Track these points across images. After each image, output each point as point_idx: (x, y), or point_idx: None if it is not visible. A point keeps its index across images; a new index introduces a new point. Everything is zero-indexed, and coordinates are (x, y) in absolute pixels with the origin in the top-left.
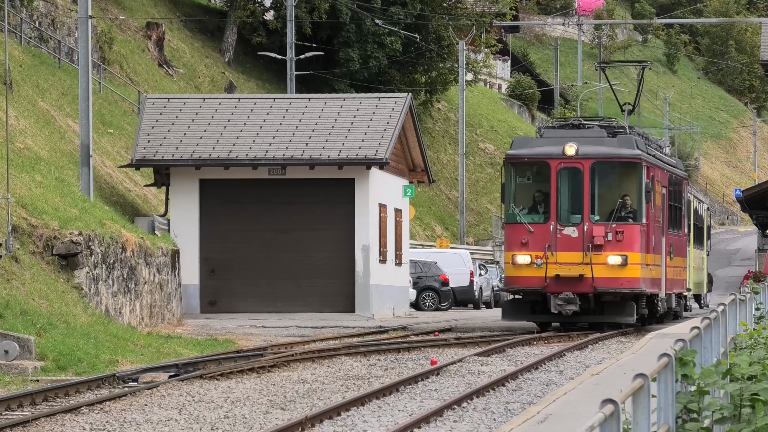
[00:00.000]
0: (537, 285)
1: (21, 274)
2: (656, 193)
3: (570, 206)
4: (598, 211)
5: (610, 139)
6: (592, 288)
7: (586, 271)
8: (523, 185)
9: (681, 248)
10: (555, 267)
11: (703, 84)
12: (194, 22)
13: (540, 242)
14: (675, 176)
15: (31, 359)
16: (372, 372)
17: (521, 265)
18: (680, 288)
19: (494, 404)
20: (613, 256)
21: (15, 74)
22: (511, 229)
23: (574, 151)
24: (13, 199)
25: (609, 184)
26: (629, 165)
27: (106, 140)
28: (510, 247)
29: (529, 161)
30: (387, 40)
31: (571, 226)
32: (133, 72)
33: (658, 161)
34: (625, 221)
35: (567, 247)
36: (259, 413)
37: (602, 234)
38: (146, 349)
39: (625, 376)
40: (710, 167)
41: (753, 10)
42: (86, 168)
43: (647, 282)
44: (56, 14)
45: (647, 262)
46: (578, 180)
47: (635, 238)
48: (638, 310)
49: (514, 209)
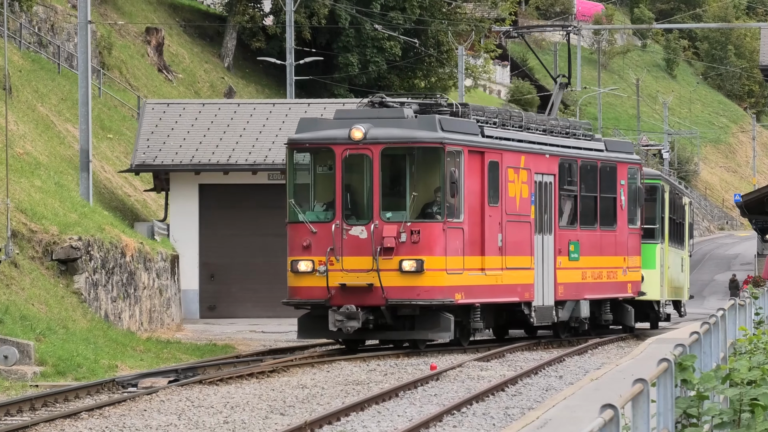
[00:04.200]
0: (320, 297)
1: (20, 279)
2: (510, 183)
3: (358, 201)
4: (393, 207)
5: (409, 120)
6: (384, 299)
7: (376, 279)
8: (304, 176)
9: (616, 246)
10: (340, 275)
11: (702, 89)
12: (194, 27)
13: (324, 245)
14: (585, 161)
15: (30, 364)
16: (371, 377)
17: (303, 273)
18: (611, 292)
19: (494, 409)
20: (407, 261)
21: (14, 79)
22: (292, 229)
23: (362, 134)
24: (12, 204)
25: (406, 174)
26: (428, 151)
27: (106, 145)
28: (291, 251)
29: (310, 147)
30: (386, 45)
31: (358, 226)
32: (132, 77)
33: (504, 143)
34: (432, 218)
35: (354, 251)
36: (258, 418)
37: (394, 234)
38: (145, 354)
39: (624, 381)
40: (710, 172)
41: (752, 16)
42: (86, 173)
43: (470, 290)
44: (56, 19)
45: (470, 267)
46: (367, 169)
47: (436, 239)
48: (464, 323)
49: (294, 205)
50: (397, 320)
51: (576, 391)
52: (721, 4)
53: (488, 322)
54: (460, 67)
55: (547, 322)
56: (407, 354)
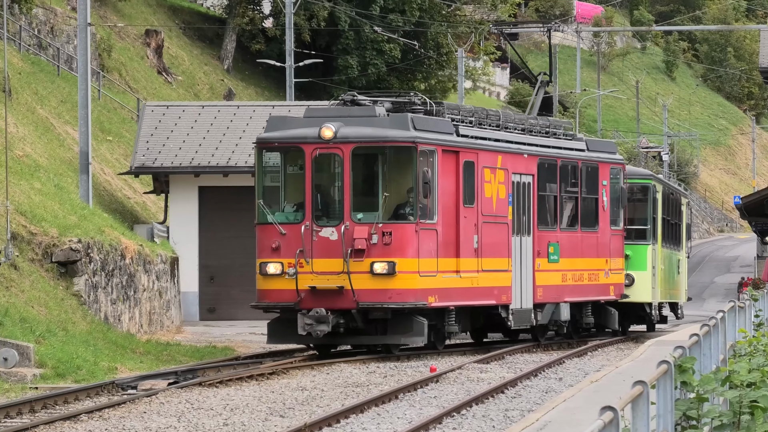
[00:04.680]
0: (289, 300)
1: (20, 281)
2: (486, 183)
3: (329, 202)
4: (364, 208)
5: (381, 119)
6: (355, 303)
7: (347, 281)
8: (274, 176)
9: (598, 247)
10: (310, 277)
11: (701, 91)
12: (193, 29)
13: (293, 247)
14: (565, 161)
15: (30, 366)
16: (371, 379)
17: (272, 275)
18: (593, 295)
19: (493, 411)
20: (379, 263)
21: (14, 82)
22: (261, 231)
23: (332, 133)
24: (12, 206)
25: (378, 174)
26: (400, 150)
27: (105, 147)
28: (260, 253)
29: (280, 146)
30: (386, 47)
31: (329, 227)
32: (132, 79)
33: (480, 142)
34: (404, 219)
35: (325, 253)
36: (258, 420)
37: (365, 236)
38: (145, 356)
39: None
40: (709, 174)
41: (752, 18)
42: (85, 175)
43: (444, 293)
44: (55, 22)
45: (444, 269)
46: (338, 169)
47: (408, 241)
48: (438, 327)
49: (263, 206)
50: (368, 324)
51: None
52: (720, 6)
53: (464, 325)
54: (460, 70)
55: (525, 325)
56: (407, 356)
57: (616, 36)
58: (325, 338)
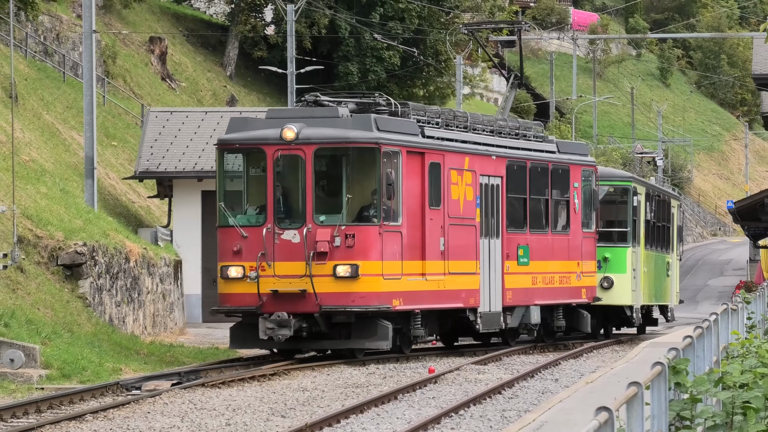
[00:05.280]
0: (251, 304)
1: (26, 284)
2: (453, 185)
3: (291, 204)
4: (327, 210)
5: (344, 120)
6: (317, 306)
7: (309, 285)
8: (235, 178)
9: (569, 250)
10: (272, 281)
11: (695, 97)
12: (196, 36)
13: (255, 250)
14: (535, 163)
15: (36, 368)
16: (371, 380)
17: (233, 279)
18: (565, 298)
19: (491, 412)
20: (342, 266)
21: (20, 88)
22: (222, 233)
23: (294, 134)
24: (18, 210)
25: (341, 176)
26: (363, 151)
27: (110, 152)
28: (222, 256)
29: (241, 147)
30: (385, 54)
31: (291, 230)
32: (136, 86)
33: (446, 143)
34: (367, 222)
35: (287, 256)
36: (260, 421)
37: (328, 239)
38: (149, 357)
39: (619, 384)
40: (703, 179)
41: (745, 25)
42: (90, 180)
43: (410, 296)
44: (61, 29)
45: (409, 272)
46: (301, 171)
47: (372, 243)
48: (404, 331)
49: (224, 209)
50: (332, 328)
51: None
52: (714, 14)
53: (432, 329)
54: (458, 76)
55: (494, 328)
56: (406, 357)
57: (611, 43)
58: (287, 343)
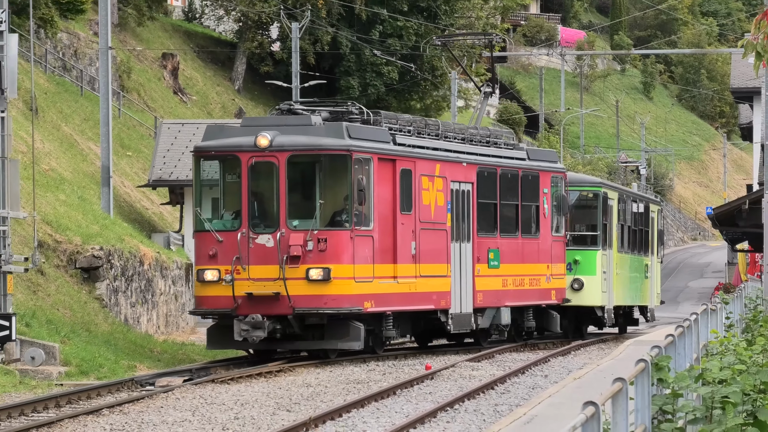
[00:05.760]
0: (226, 306)
1: (46, 286)
2: (424, 191)
3: (266, 209)
4: (300, 216)
5: (316, 128)
6: (291, 309)
7: (283, 288)
8: (211, 184)
9: (539, 253)
10: (247, 284)
11: (677, 110)
12: (206, 52)
13: (230, 254)
14: (505, 170)
15: (55, 365)
16: (371, 376)
17: (209, 282)
18: (534, 299)
19: (484, 406)
20: (314, 269)
21: (40, 101)
22: (199, 238)
23: (268, 141)
24: (38, 216)
25: (314, 182)
26: (335, 158)
27: (125, 162)
28: (198, 260)
29: (216, 154)
30: (384, 69)
31: (265, 234)
32: (149, 99)
33: (417, 151)
34: (339, 226)
35: (261, 260)
36: (266, 415)
37: (300, 243)
38: (162, 355)
39: (605, 380)
40: (684, 187)
41: (724, 42)
42: (107, 188)
43: (381, 298)
44: (78, 45)
45: (381, 275)
46: (275, 177)
47: (344, 247)
48: (376, 332)
49: (200, 214)
50: (306, 329)
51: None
52: (694, 32)
53: (404, 330)
54: (453, 90)
55: (465, 329)
56: (404, 355)
57: (597, 59)
58: (262, 344)
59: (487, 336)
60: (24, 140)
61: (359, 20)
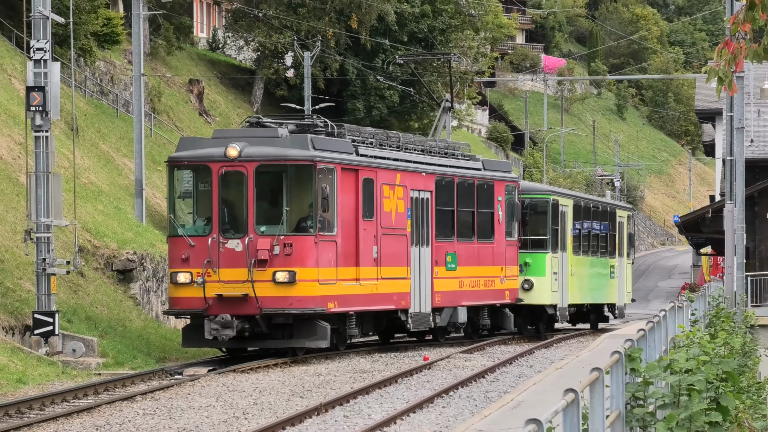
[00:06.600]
0: (198, 307)
1: (86, 286)
2: (385, 199)
3: (235, 216)
4: (267, 222)
5: (283, 139)
6: (258, 309)
7: (251, 289)
8: (184, 192)
9: (494, 256)
10: (217, 286)
11: (647, 129)
12: (228, 78)
13: (201, 257)
14: (462, 179)
15: (94, 356)
16: (375, 366)
17: (182, 284)
18: (489, 299)
19: (476, 393)
20: (280, 272)
21: (80, 122)
22: (172, 242)
23: (237, 152)
24: (79, 224)
25: (281, 190)
26: (300, 168)
27: (156, 176)
28: (172, 263)
29: (189, 164)
30: (387, 93)
31: (234, 239)
32: (178, 120)
33: (379, 161)
34: (305, 232)
35: (231, 263)
36: (282, 400)
37: (268, 247)
38: (189, 348)
39: (584, 370)
40: (653, 198)
41: (689, 68)
42: (140, 199)
43: (344, 299)
44: (114, 72)
45: (344, 277)
46: (244, 186)
47: (308, 252)
48: (341, 330)
49: (173, 220)
50: (275, 329)
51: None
52: (663, 59)
53: (367, 328)
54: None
55: (424, 327)
56: (405, 347)
57: (576, 84)
58: (232, 342)
59: (445, 333)
60: (66, 157)
61: (364, 49)
